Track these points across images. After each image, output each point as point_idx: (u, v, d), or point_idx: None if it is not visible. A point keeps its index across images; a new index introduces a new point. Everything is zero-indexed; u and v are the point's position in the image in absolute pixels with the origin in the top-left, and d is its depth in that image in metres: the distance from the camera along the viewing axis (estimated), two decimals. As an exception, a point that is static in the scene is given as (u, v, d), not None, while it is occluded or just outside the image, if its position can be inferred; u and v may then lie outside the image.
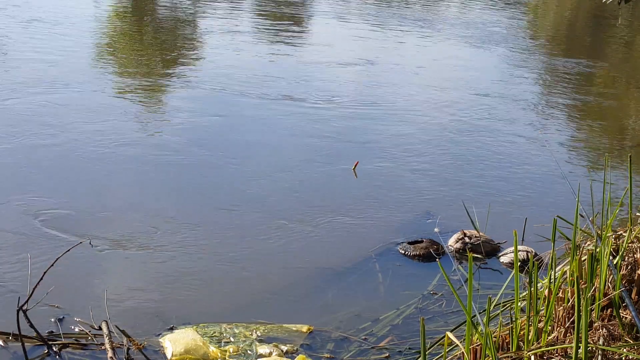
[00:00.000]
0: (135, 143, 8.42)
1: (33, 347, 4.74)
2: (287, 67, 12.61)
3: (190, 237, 6.41)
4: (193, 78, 11.41)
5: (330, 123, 9.63)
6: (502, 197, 7.74)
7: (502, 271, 6.23)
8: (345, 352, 4.92)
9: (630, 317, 4.22)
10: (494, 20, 18.53)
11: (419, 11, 19.01)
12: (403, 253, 6.34)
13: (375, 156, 8.55)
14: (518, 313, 4.23)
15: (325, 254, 6.28)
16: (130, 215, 6.72)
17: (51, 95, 9.85)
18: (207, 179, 7.64)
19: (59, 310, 5.13)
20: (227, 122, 9.42)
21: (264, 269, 5.99)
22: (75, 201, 6.88)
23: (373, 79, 12.34)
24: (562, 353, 4.04)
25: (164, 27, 15.68)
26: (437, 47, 15.27)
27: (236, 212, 6.96)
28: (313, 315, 5.30)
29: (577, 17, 22.09)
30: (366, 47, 14.52)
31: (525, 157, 8.92)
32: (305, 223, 6.81)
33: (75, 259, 5.52)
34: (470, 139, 9.40)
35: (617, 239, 4.78)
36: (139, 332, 4.94)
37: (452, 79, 12.55)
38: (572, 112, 11.07)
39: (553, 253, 4.49)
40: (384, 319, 5.31)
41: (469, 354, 3.91)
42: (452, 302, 5.51)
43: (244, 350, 4.85)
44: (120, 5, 17.79)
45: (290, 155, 8.45)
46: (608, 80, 13.60)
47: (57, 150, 8.01)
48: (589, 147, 9.69)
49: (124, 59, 12.52)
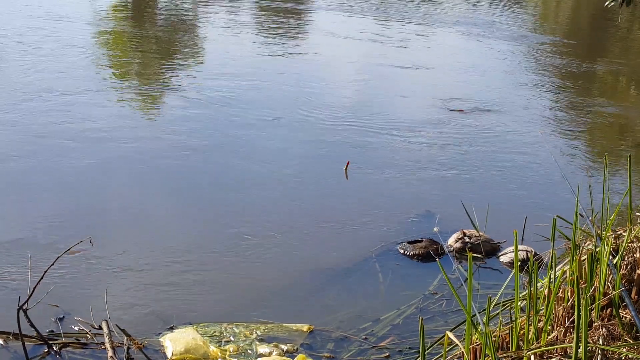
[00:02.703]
0: (135, 144, 8.42)
1: (33, 347, 4.75)
2: (288, 68, 12.61)
3: (190, 237, 6.41)
4: (193, 78, 11.41)
5: (331, 122, 9.63)
6: (502, 196, 7.75)
7: (502, 271, 6.24)
8: (345, 352, 4.92)
9: (630, 316, 4.22)
10: (494, 19, 18.53)
11: (419, 8, 19.01)
12: (402, 252, 6.34)
13: (375, 156, 8.55)
14: (518, 313, 4.23)
15: (326, 254, 6.28)
16: (130, 215, 6.74)
17: (51, 95, 9.85)
18: (207, 180, 7.64)
19: (59, 309, 5.13)
20: (227, 124, 9.41)
21: (264, 269, 5.99)
22: (76, 201, 6.89)
23: (373, 78, 12.35)
24: (561, 353, 4.04)
25: (164, 27, 15.67)
26: (437, 45, 15.27)
27: (236, 211, 6.96)
28: (313, 315, 5.30)
29: (577, 16, 22.09)
30: (367, 46, 14.53)
31: (525, 156, 8.92)
32: (305, 223, 6.82)
33: (76, 259, 5.52)
34: (470, 138, 9.39)
35: (617, 239, 4.78)
36: (139, 332, 4.95)
37: (452, 78, 12.56)
38: (572, 111, 11.07)
39: (553, 253, 4.50)
40: (385, 318, 5.31)
41: (468, 353, 3.91)
42: (452, 302, 5.51)
43: (244, 350, 4.85)
44: (120, 4, 17.78)
45: (291, 155, 8.45)
46: (608, 80, 13.60)
47: (57, 150, 8.01)
48: (589, 147, 9.69)
49: (124, 59, 12.51)
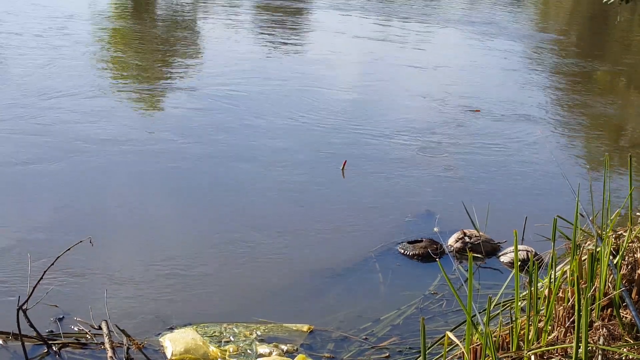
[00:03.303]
0: (135, 144, 8.41)
1: (33, 347, 4.74)
2: (288, 67, 12.61)
3: (190, 237, 6.41)
4: (194, 79, 11.41)
5: (330, 123, 9.63)
6: (502, 196, 7.75)
7: (502, 271, 6.23)
8: (345, 352, 4.92)
9: (630, 316, 4.22)
10: (494, 18, 18.53)
11: (420, 6, 19.01)
12: (402, 252, 6.33)
13: (374, 155, 8.55)
14: (518, 313, 4.23)
15: (326, 254, 6.28)
16: (130, 215, 6.73)
17: (50, 95, 9.85)
18: (207, 181, 7.64)
19: (59, 309, 5.13)
20: (227, 125, 9.40)
21: (264, 269, 5.98)
22: (76, 201, 6.89)
23: (373, 77, 12.34)
24: (562, 353, 4.04)
25: (164, 27, 15.67)
26: (437, 43, 15.27)
27: (236, 211, 6.96)
28: (313, 315, 5.30)
29: (577, 16, 22.08)
30: (366, 46, 14.52)
31: (525, 156, 8.92)
32: (305, 223, 6.82)
33: (75, 259, 5.52)
34: (470, 138, 9.39)
35: (617, 239, 4.78)
36: (138, 332, 4.94)
37: (451, 78, 12.55)
38: (571, 111, 11.07)
39: (553, 253, 4.49)
40: (385, 319, 5.31)
41: (469, 353, 3.91)
42: (452, 302, 5.50)
43: (244, 350, 4.85)
44: (120, 3, 17.78)
45: (291, 155, 8.44)
46: (608, 80, 13.60)
47: (57, 150, 8.00)
48: (589, 146, 9.69)
49: (124, 58, 12.51)
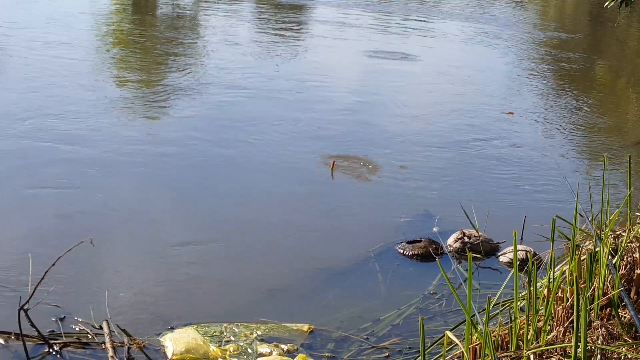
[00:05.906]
0: (136, 144, 8.42)
1: (34, 346, 4.75)
2: (292, 67, 12.62)
3: (190, 237, 6.42)
4: (194, 79, 11.41)
5: (330, 124, 9.64)
6: (501, 196, 7.75)
7: (502, 270, 6.25)
8: (345, 352, 4.93)
9: (629, 316, 4.23)
10: (495, 17, 18.53)
11: (420, 4, 19.02)
12: (402, 252, 6.34)
13: (374, 156, 8.56)
14: (517, 312, 4.24)
15: (326, 254, 6.29)
16: (131, 215, 6.74)
17: (50, 94, 9.86)
18: (207, 181, 7.65)
19: (60, 309, 5.14)
20: (227, 125, 9.41)
21: (265, 269, 6.00)
22: (76, 201, 6.89)
23: (373, 76, 12.35)
24: (561, 352, 4.05)
25: (164, 27, 15.68)
26: (436, 43, 15.28)
27: (236, 211, 6.97)
28: (313, 315, 5.31)
29: (577, 15, 22.09)
30: (367, 45, 14.53)
31: (524, 156, 8.93)
32: (305, 223, 6.83)
33: (76, 259, 5.53)
34: (470, 138, 9.41)
35: (616, 239, 4.79)
36: (139, 331, 4.95)
37: (451, 78, 12.56)
38: (571, 111, 11.08)
39: (552, 252, 4.50)
40: (385, 318, 5.32)
41: (468, 353, 3.93)
42: (451, 302, 5.52)
43: (244, 350, 4.86)
44: (120, 3, 17.79)
45: (292, 154, 8.46)
46: (608, 79, 13.61)
47: (57, 150, 8.02)
48: (588, 146, 9.70)
49: (123, 58, 12.52)
